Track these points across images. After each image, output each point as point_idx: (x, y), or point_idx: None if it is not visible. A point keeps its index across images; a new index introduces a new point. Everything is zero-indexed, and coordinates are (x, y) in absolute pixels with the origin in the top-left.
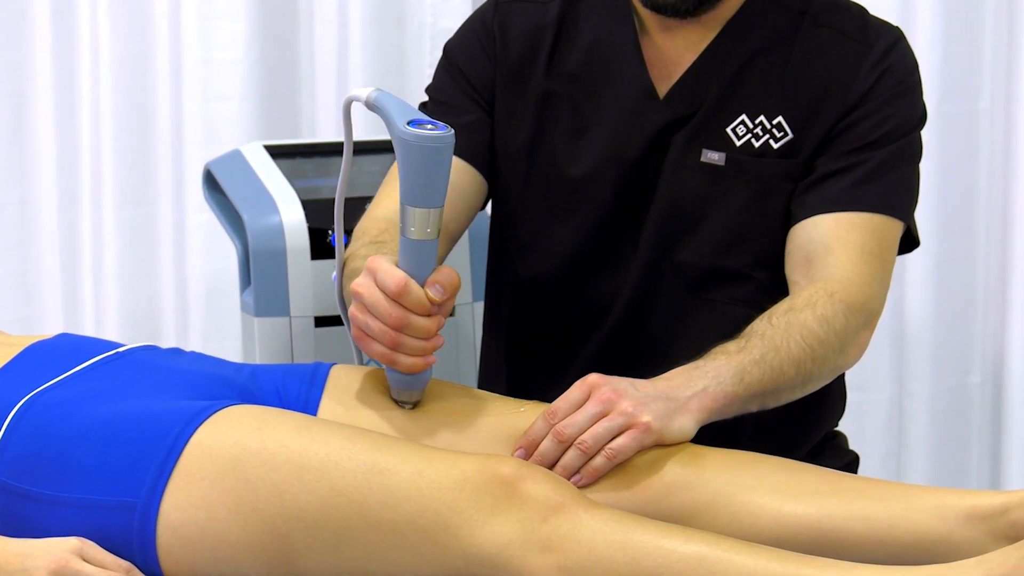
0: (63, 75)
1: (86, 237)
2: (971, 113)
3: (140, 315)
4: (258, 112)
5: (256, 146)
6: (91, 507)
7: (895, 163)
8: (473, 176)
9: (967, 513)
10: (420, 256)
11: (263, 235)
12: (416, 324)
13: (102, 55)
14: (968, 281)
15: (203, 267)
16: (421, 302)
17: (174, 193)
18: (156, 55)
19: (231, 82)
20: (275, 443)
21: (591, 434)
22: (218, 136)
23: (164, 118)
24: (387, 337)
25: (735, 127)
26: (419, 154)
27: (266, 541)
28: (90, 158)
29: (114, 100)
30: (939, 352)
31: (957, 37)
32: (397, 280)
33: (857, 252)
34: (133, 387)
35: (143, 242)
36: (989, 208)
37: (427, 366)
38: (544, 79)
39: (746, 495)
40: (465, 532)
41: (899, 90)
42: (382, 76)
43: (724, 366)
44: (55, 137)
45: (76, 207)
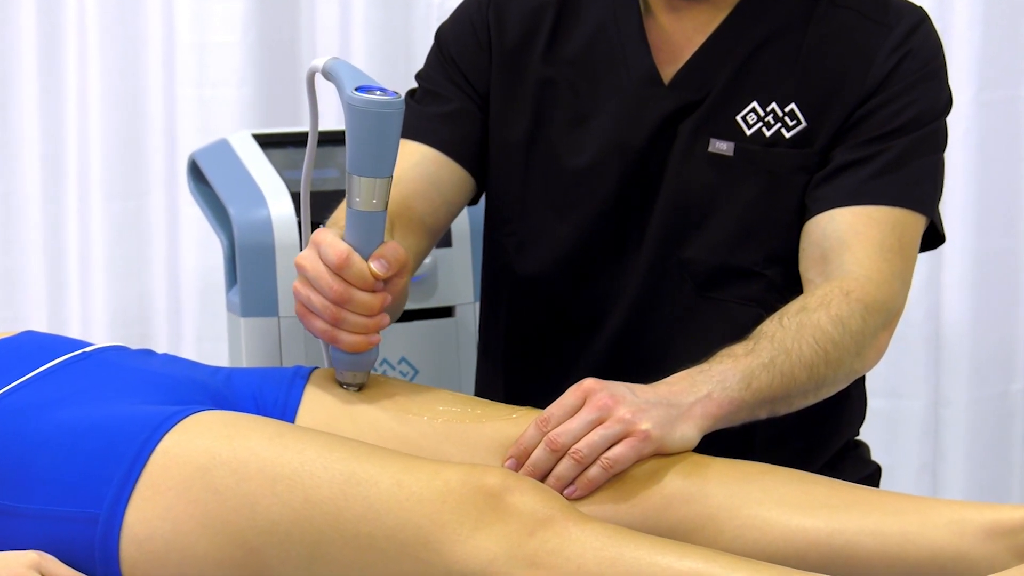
0: (48, 59)
1: (72, 231)
2: (1013, 100)
3: (130, 314)
4: (256, 99)
5: (244, 135)
6: (51, 519)
7: (917, 153)
8: (454, 170)
9: (987, 528)
10: (366, 229)
11: (250, 229)
12: (358, 299)
13: (89, 37)
14: (1010, 279)
15: (197, 263)
16: (364, 276)
17: (166, 185)
18: (147, 38)
19: (227, 66)
20: (246, 451)
21: (586, 443)
22: (213, 125)
23: (155, 105)
24: (328, 312)
25: (745, 115)
26: (365, 119)
27: (236, 556)
28: (76, 147)
29: (102, 85)
30: (978, 357)
31: (997, 20)
32: (339, 252)
33: (876, 248)
34: (98, 391)
35: (133, 237)
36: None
37: (370, 345)
38: (542, 65)
39: (752, 508)
40: (447, 547)
41: (922, 74)
42: (387, 59)
43: (730, 370)
44: (39, 125)
45: (62, 200)
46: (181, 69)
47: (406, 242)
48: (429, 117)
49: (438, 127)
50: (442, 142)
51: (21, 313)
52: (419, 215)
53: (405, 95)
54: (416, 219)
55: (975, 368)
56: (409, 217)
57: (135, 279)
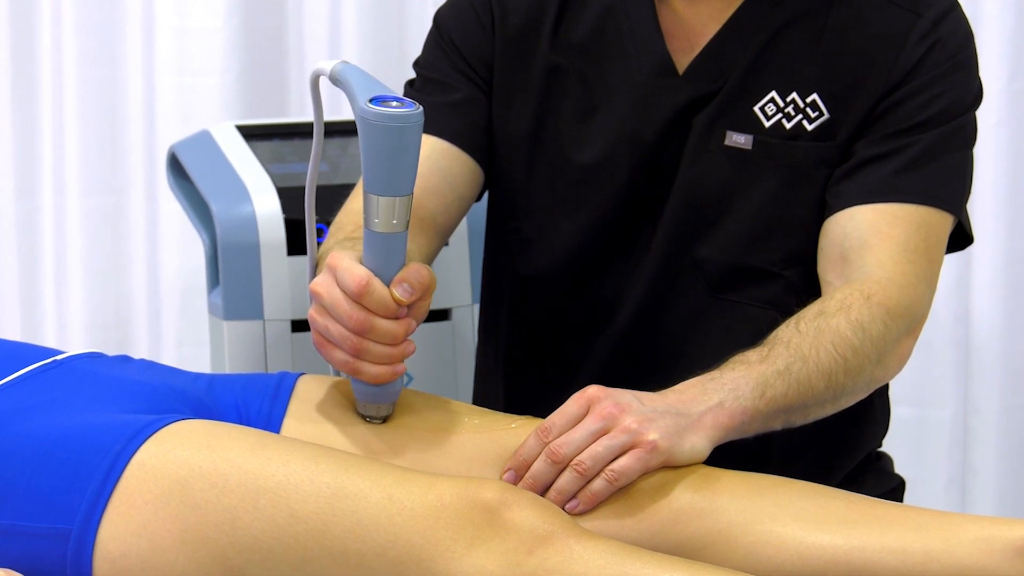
0: (20, 46)
1: (47, 229)
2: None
3: (108, 317)
4: (240, 88)
5: (228, 126)
6: (20, 534)
7: (945, 148)
8: (465, 163)
9: (1018, 547)
10: (386, 251)
11: (233, 227)
12: (380, 328)
13: (64, 22)
14: None
15: (178, 263)
16: (385, 303)
17: (145, 180)
18: (124, 22)
19: (209, 54)
20: (227, 463)
21: (589, 454)
22: (194, 115)
23: (134, 95)
24: (349, 343)
25: (764, 106)
26: (382, 135)
27: (216, 574)
28: (51, 140)
29: (77, 74)
30: (1010, 364)
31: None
32: (358, 279)
33: (900, 249)
34: (71, 400)
35: (111, 235)
36: None
37: (395, 376)
38: (548, 52)
39: (765, 524)
40: (441, 566)
41: (951, 65)
42: (379, 47)
43: (743, 378)
44: (11, 116)
45: (35, 195)
46: (160, 56)
47: (417, 242)
48: (435, 107)
49: (446, 117)
50: (452, 132)
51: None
52: (431, 213)
53: (404, 85)
54: (428, 218)
55: (1007, 375)
56: (420, 216)
57: (113, 280)
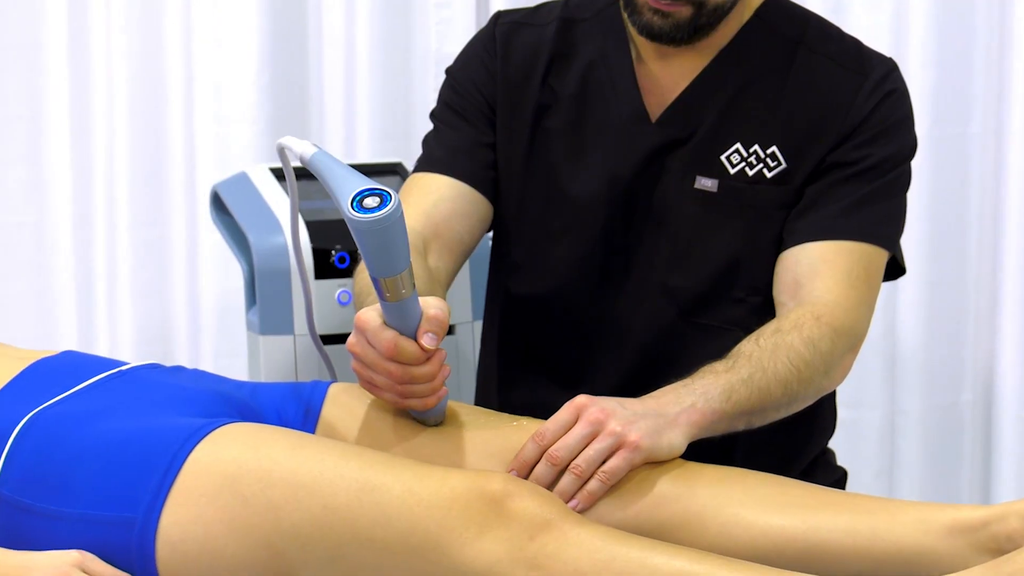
0: (78, 99)
1: (100, 257)
2: (962, 137)
3: (153, 333)
4: (268, 134)
5: (262, 168)
6: (92, 522)
7: (884, 193)
8: (477, 197)
9: (949, 526)
10: (403, 314)
11: (268, 255)
12: (418, 374)
13: (116, 79)
14: (959, 302)
15: (215, 286)
16: (416, 355)
17: (186, 213)
18: (168, 79)
19: (242, 105)
20: (270, 461)
21: (583, 458)
22: (229, 158)
23: (176, 140)
24: (394, 390)
25: (729, 155)
26: (371, 235)
27: (262, 557)
28: (104, 179)
29: (128, 123)
30: (930, 371)
31: (949, 63)
32: (387, 345)
33: (844, 277)
34: (134, 405)
35: (156, 262)
36: (979, 231)
37: (439, 400)
38: (540, 98)
39: (735, 508)
40: (455, 550)
41: (892, 121)
42: (388, 99)
43: (712, 384)
44: (70, 159)
45: (90, 227)
46: (200, 107)
47: (441, 262)
48: (451, 151)
49: (460, 161)
50: (466, 174)
51: (53, 332)
52: (450, 239)
53: (426, 135)
54: (448, 243)
55: (927, 381)
56: (442, 242)
57: (158, 301)
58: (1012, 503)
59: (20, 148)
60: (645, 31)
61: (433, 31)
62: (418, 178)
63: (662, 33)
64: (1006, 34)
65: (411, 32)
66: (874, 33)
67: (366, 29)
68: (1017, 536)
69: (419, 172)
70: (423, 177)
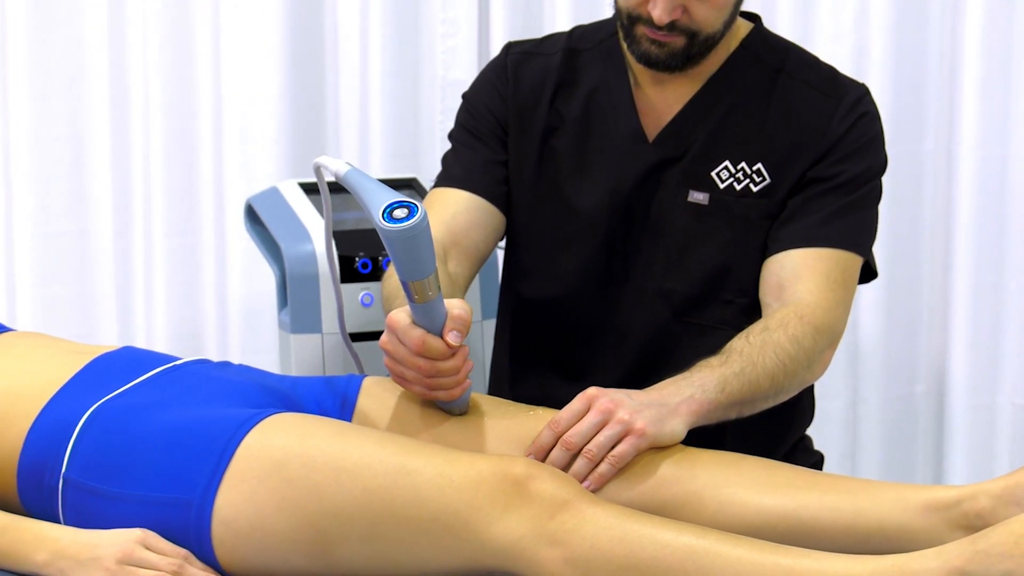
0: (118, 121)
1: (138, 263)
2: (917, 154)
3: (185, 332)
4: (289, 153)
5: (291, 183)
6: (153, 503)
7: (858, 205)
8: (492, 210)
9: (924, 505)
10: (430, 314)
11: (298, 262)
12: (444, 368)
13: (152, 103)
14: (914, 303)
15: (241, 290)
16: (442, 351)
17: (215, 224)
18: (200, 104)
19: (266, 127)
20: (314, 447)
21: (595, 443)
22: (254, 173)
23: (207, 158)
24: (423, 383)
25: (719, 171)
26: (401, 243)
27: (307, 534)
28: (141, 193)
29: (163, 142)
30: (888, 365)
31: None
32: (416, 343)
33: (823, 280)
34: (189, 396)
35: (188, 267)
36: (932, 238)
37: (463, 391)
38: (548, 121)
39: (731, 489)
40: (483, 527)
41: (865, 141)
42: (399, 121)
43: (708, 377)
44: (111, 176)
45: (129, 236)
46: (228, 127)
47: (460, 268)
48: (468, 168)
49: (476, 177)
50: (482, 189)
51: (96, 331)
52: (467, 248)
53: (445, 154)
54: (466, 251)
55: (885, 374)
56: (460, 250)
57: (189, 303)
58: (982, 484)
59: (65, 165)
60: (643, 59)
61: (439, 59)
62: (438, 192)
63: (658, 61)
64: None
65: (419, 60)
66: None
67: (379, 57)
68: (986, 513)
69: (439, 187)
70: (443, 192)
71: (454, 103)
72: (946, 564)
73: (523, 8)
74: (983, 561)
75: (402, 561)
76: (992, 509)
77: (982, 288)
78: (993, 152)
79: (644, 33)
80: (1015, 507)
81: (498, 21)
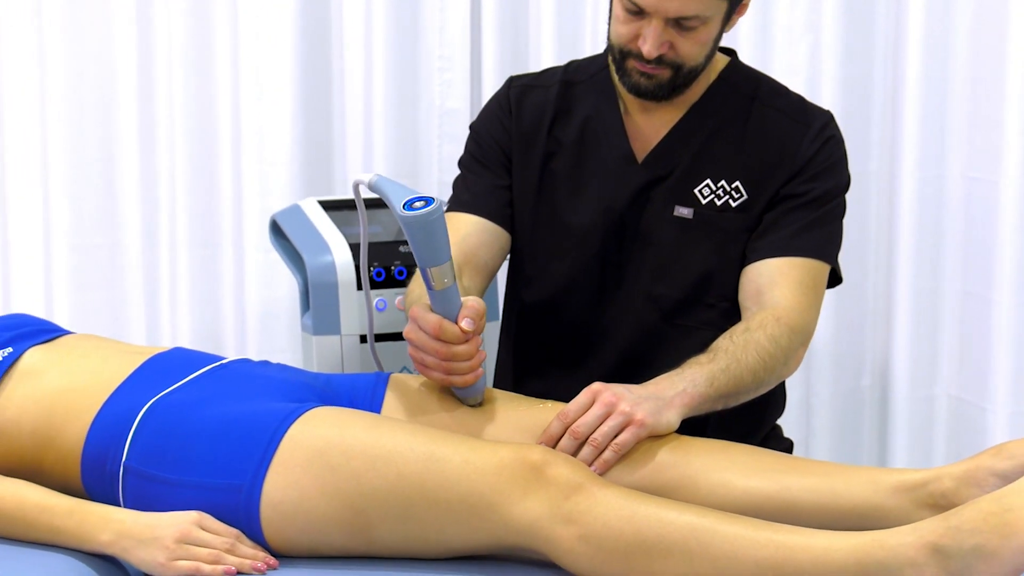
0: (145, 144)
1: (164, 273)
2: (863, 174)
3: (206, 335)
4: (301, 174)
5: (311, 201)
6: (207, 488)
7: (826, 219)
8: (499, 230)
9: (894, 486)
10: (446, 300)
11: (319, 271)
12: (459, 352)
13: (176, 127)
14: (860, 306)
15: (258, 296)
16: (456, 335)
17: (234, 237)
18: (220, 127)
19: (280, 150)
20: (352, 437)
21: (600, 432)
22: (270, 192)
23: (226, 177)
24: (440, 367)
25: (701, 189)
26: (418, 229)
27: (346, 516)
28: (167, 209)
29: (186, 163)
30: (838, 361)
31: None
32: (432, 324)
33: (797, 286)
34: (236, 391)
35: (209, 276)
36: (876, 246)
37: (477, 378)
38: (547, 146)
39: (721, 473)
40: (505, 509)
41: (831, 162)
42: (398, 145)
43: (698, 373)
44: (139, 194)
45: (156, 249)
46: (246, 152)
47: (472, 282)
48: (477, 194)
49: (483, 202)
50: (489, 212)
51: (125, 333)
52: (478, 264)
53: (455, 179)
54: (477, 267)
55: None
56: (472, 266)
57: (210, 308)
58: (945, 467)
59: (98, 184)
60: (633, 90)
61: (436, 90)
62: (451, 217)
63: (647, 91)
64: (898, 94)
65: (418, 90)
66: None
67: (382, 88)
68: (950, 494)
69: (451, 211)
70: (455, 216)
71: (450, 128)
72: (922, 539)
73: (511, 44)
74: (955, 536)
75: (432, 539)
76: (955, 490)
77: (921, 292)
78: (930, 173)
79: (634, 66)
80: (975, 488)
81: (489, 56)
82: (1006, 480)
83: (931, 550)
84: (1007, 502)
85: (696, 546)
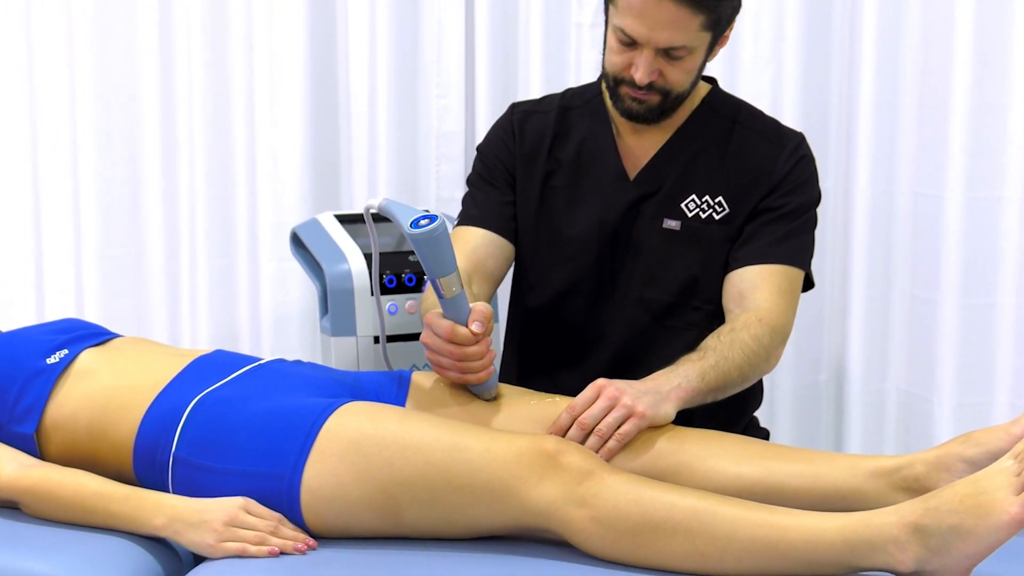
0: (168, 164)
1: (184, 281)
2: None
3: (224, 336)
4: (311, 191)
5: (328, 215)
6: (251, 475)
7: (800, 230)
8: (502, 244)
9: (872, 471)
10: (456, 307)
11: (337, 278)
12: (471, 353)
13: (197, 147)
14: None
15: (271, 302)
16: (468, 338)
17: (249, 248)
18: (236, 149)
19: (291, 168)
20: (384, 429)
21: (604, 424)
22: (282, 206)
23: (242, 193)
24: (455, 368)
25: (687, 203)
26: (426, 243)
27: (379, 500)
28: (187, 223)
29: (205, 181)
30: (797, 358)
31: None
32: (445, 329)
33: (776, 290)
34: (276, 388)
35: (226, 284)
36: (832, 255)
37: (489, 375)
38: (547, 166)
39: (714, 460)
40: (523, 493)
41: (804, 178)
42: (399, 164)
43: (690, 369)
44: (162, 209)
45: (177, 259)
46: (261, 169)
47: (481, 290)
48: (484, 209)
49: (491, 216)
50: (496, 226)
51: (149, 336)
52: (486, 273)
53: (464, 196)
54: (485, 276)
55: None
56: (480, 276)
57: (228, 314)
58: (917, 454)
59: (125, 200)
60: (626, 114)
61: (435, 114)
62: (460, 231)
63: (638, 115)
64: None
65: (417, 115)
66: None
67: (384, 112)
68: (922, 478)
69: (460, 226)
70: (464, 230)
71: (446, 149)
72: (903, 519)
73: (502, 73)
74: (934, 516)
75: (456, 521)
76: (927, 474)
77: (873, 297)
78: (881, 189)
79: (627, 92)
80: (945, 472)
81: (482, 84)
82: (973, 466)
83: (912, 529)
84: (982, 485)
85: (697, 526)
